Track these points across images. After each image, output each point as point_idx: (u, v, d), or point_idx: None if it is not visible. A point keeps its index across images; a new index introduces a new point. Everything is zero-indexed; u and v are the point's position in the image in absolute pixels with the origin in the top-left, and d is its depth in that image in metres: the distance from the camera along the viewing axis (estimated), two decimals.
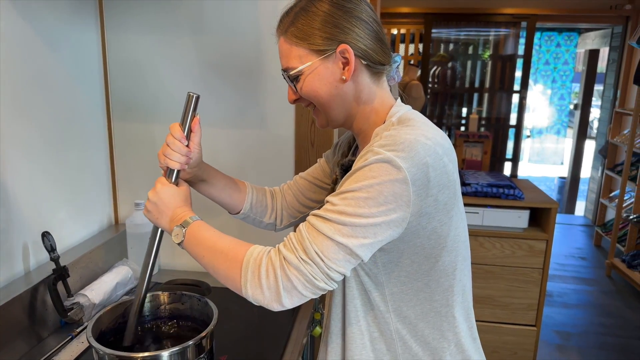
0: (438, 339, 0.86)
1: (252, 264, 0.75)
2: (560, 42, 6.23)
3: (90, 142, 1.50)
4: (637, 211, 3.91)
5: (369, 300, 0.86)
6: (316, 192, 1.10)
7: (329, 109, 0.86)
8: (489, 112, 5.04)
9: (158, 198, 0.89)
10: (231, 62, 1.48)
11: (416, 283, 0.84)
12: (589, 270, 4.09)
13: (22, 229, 1.23)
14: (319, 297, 0.85)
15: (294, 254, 0.73)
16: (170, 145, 0.90)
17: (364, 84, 0.85)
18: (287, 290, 0.73)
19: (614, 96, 4.86)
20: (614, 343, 2.99)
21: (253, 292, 0.75)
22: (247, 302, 1.40)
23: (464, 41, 4.93)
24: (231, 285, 0.78)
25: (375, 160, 0.73)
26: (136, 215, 1.53)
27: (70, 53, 1.39)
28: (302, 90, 0.86)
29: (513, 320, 2.37)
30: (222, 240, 0.81)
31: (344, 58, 0.82)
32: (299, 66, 0.84)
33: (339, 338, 0.89)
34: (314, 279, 0.72)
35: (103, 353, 0.85)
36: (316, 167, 1.12)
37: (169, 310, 1.06)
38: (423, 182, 0.74)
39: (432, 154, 0.75)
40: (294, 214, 1.12)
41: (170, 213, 0.88)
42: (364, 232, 0.72)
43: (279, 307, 0.75)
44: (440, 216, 0.79)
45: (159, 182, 0.91)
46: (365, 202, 0.72)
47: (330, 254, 0.72)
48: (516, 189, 2.30)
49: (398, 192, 0.72)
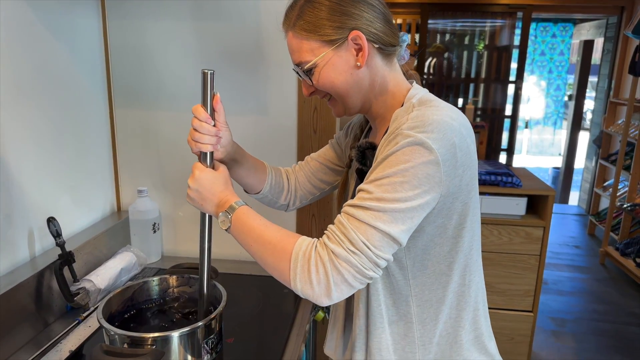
0: (455, 318, 0.88)
1: (301, 258, 0.74)
2: (556, 32, 6.25)
3: (92, 129, 1.50)
4: (631, 200, 3.95)
5: (390, 284, 0.87)
6: (327, 174, 1.11)
7: (347, 98, 0.87)
8: (485, 102, 5.05)
9: (198, 185, 0.88)
10: (233, 49, 1.48)
11: (439, 266, 0.85)
12: (583, 258, 4.14)
13: (26, 215, 1.23)
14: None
15: (341, 246, 0.73)
16: (197, 128, 0.88)
17: (378, 68, 0.86)
18: (337, 284, 0.72)
19: (609, 86, 4.88)
20: (607, 329, 3.04)
21: (302, 287, 0.74)
22: (251, 287, 1.43)
23: (460, 32, 4.93)
24: (279, 277, 0.78)
25: (407, 143, 0.73)
26: (139, 202, 1.53)
27: (71, 39, 1.38)
28: (319, 83, 0.85)
29: (510, 306, 2.40)
30: (270, 231, 0.80)
31: (357, 44, 0.82)
32: (312, 59, 0.83)
33: (364, 320, 0.90)
34: (364, 268, 0.72)
35: (114, 334, 0.86)
36: (327, 149, 1.12)
37: (177, 293, 1.07)
38: (451, 162, 0.75)
39: (457, 135, 0.76)
40: (305, 196, 1.13)
41: (214, 198, 0.87)
42: (402, 216, 0.73)
43: (327, 301, 0.74)
44: (462, 196, 0.80)
45: (196, 168, 0.89)
46: (402, 187, 0.72)
47: (376, 242, 0.72)
48: (514, 177, 2.32)
49: (431, 174, 0.73)
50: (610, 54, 4.86)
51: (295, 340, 1.18)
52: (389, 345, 0.88)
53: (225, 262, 1.53)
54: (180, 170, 1.60)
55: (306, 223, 1.58)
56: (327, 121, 1.49)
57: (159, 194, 1.62)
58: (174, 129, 1.56)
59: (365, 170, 0.93)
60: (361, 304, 0.90)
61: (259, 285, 1.45)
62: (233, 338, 1.15)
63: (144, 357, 0.81)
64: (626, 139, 3.93)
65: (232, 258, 1.62)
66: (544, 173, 6.76)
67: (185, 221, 1.64)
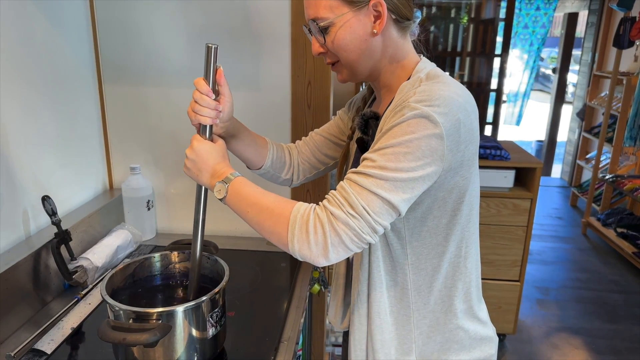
0: (450, 287, 0.90)
1: (299, 220, 0.75)
2: (540, 5, 6.24)
3: (81, 105, 1.47)
4: (612, 171, 4.04)
5: (389, 253, 0.89)
6: (331, 149, 1.12)
7: (356, 63, 0.86)
8: (470, 76, 5.06)
9: (196, 155, 0.89)
10: (223, 23, 1.46)
11: (436, 237, 0.87)
12: (565, 229, 4.25)
13: (18, 194, 1.21)
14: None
15: (341, 209, 0.74)
16: (198, 101, 0.88)
17: (391, 39, 0.86)
18: (335, 245, 0.74)
19: (592, 59, 4.93)
20: (590, 296, 3.14)
21: (300, 248, 0.75)
22: (250, 262, 1.44)
23: (445, 5, 4.89)
24: (276, 241, 0.79)
25: (413, 115, 0.74)
26: (132, 179, 1.52)
27: (58, 14, 1.34)
28: (333, 44, 0.85)
29: (498, 276, 2.46)
30: (267, 197, 0.81)
31: (376, 11, 0.82)
32: (330, 17, 0.82)
33: (365, 286, 0.92)
34: (362, 232, 0.73)
35: (119, 309, 0.86)
36: (331, 124, 1.12)
37: (178, 268, 1.07)
38: (455, 137, 0.76)
39: (463, 111, 0.77)
40: (309, 170, 1.14)
41: (210, 169, 0.88)
42: (403, 186, 0.74)
43: (324, 261, 0.75)
44: (463, 171, 0.81)
45: (194, 140, 0.90)
46: (405, 157, 0.73)
47: (376, 208, 0.73)
48: (502, 150, 2.35)
49: (434, 147, 0.74)
50: (594, 27, 4.89)
51: (295, 313, 1.21)
52: (386, 308, 0.91)
53: (221, 238, 1.53)
54: (172, 148, 1.58)
55: (301, 199, 1.59)
56: (322, 96, 1.48)
57: (150, 171, 1.61)
58: (163, 105, 1.54)
59: (366, 140, 0.94)
60: (362, 271, 0.92)
61: (256, 260, 1.46)
62: (234, 312, 1.17)
63: (152, 331, 0.81)
64: (609, 112, 3.99)
65: (228, 234, 1.63)
66: (527, 146, 6.84)
67: (179, 198, 1.64)
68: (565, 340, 2.67)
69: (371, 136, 0.91)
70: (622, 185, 3.74)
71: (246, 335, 1.10)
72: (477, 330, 0.94)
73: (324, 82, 1.47)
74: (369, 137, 0.92)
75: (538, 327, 2.79)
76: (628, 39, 3.56)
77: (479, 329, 0.95)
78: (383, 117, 0.82)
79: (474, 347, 0.94)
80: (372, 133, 0.90)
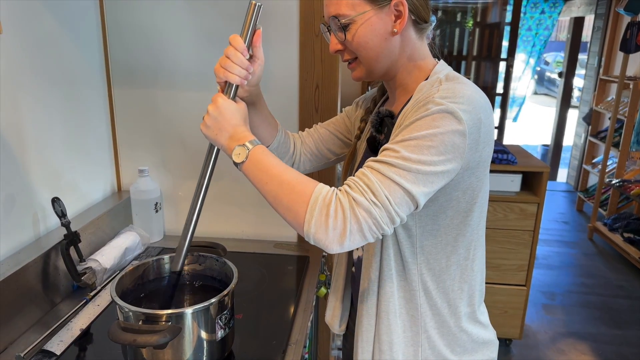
0: (456, 290, 0.90)
1: (320, 202, 0.73)
2: (545, 9, 6.23)
3: (90, 108, 1.48)
4: (619, 176, 4.02)
5: (399, 252, 0.88)
6: (336, 144, 1.11)
7: (375, 61, 0.87)
8: (476, 80, 5.06)
9: (219, 112, 0.84)
10: (232, 26, 1.46)
11: (446, 237, 0.86)
12: (571, 233, 4.23)
13: (28, 196, 1.22)
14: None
15: (364, 196, 0.72)
16: (231, 57, 0.84)
17: (410, 39, 0.87)
18: (353, 232, 0.72)
19: (598, 64, 4.91)
20: (596, 301, 3.12)
21: (317, 231, 0.72)
22: (254, 264, 1.44)
23: (451, 9, 4.90)
24: (291, 218, 0.75)
25: (438, 110, 0.74)
26: (140, 181, 1.53)
27: (69, 17, 1.35)
28: (353, 41, 0.85)
29: (504, 280, 2.46)
30: (290, 172, 0.77)
31: (397, 11, 0.83)
32: (351, 14, 0.83)
33: (375, 285, 0.92)
34: (381, 221, 0.72)
35: (129, 311, 0.87)
36: (338, 120, 1.12)
37: (186, 271, 1.08)
38: (475, 137, 0.76)
39: (484, 111, 0.78)
40: (309, 162, 1.12)
41: (232, 130, 0.83)
42: (424, 179, 0.73)
43: (338, 248, 0.73)
44: (478, 172, 0.82)
45: (219, 97, 0.86)
46: (429, 150, 0.73)
47: (397, 199, 0.72)
48: (509, 154, 2.35)
49: (457, 143, 0.74)
50: (600, 31, 4.87)
51: (302, 316, 1.21)
52: (395, 309, 0.90)
53: (227, 241, 1.54)
54: (180, 150, 1.59)
55: None
56: (329, 99, 1.49)
57: (159, 173, 1.62)
58: (171, 108, 1.55)
59: (378, 139, 0.94)
60: (373, 269, 0.91)
61: (263, 263, 1.46)
62: (242, 314, 1.17)
63: (162, 333, 0.82)
64: (616, 116, 3.97)
65: (234, 237, 1.63)
66: (533, 150, 6.83)
67: (186, 201, 1.64)
68: (571, 346, 2.66)
69: (386, 134, 0.90)
70: (628, 190, 3.72)
71: (254, 338, 1.10)
72: (479, 334, 0.94)
73: (331, 86, 1.47)
74: (383, 135, 0.92)
75: (544, 332, 2.77)
76: (635, 43, 3.55)
77: (481, 333, 0.95)
78: (402, 113, 0.82)
79: (476, 351, 0.94)
80: (387, 131, 0.90)
